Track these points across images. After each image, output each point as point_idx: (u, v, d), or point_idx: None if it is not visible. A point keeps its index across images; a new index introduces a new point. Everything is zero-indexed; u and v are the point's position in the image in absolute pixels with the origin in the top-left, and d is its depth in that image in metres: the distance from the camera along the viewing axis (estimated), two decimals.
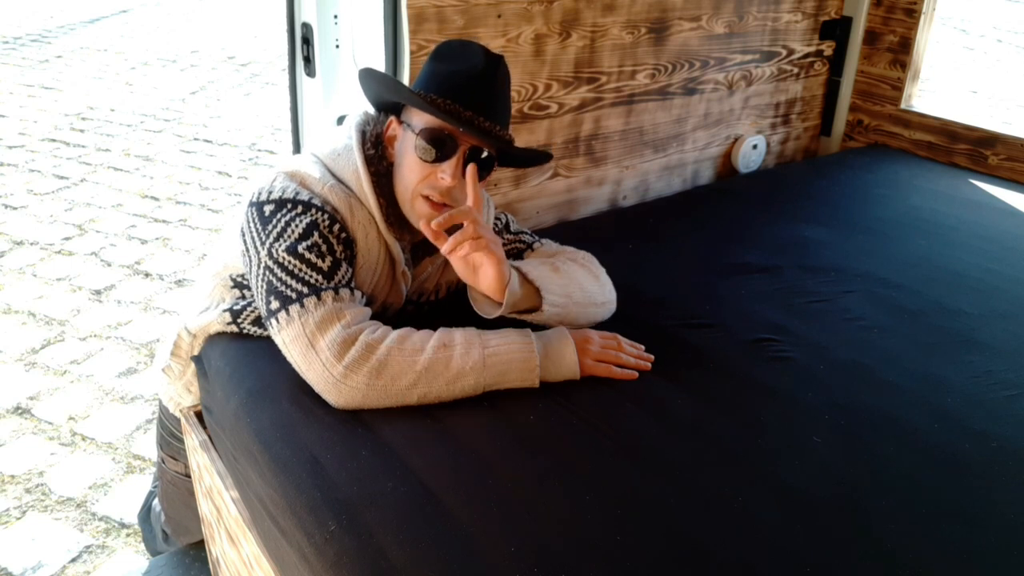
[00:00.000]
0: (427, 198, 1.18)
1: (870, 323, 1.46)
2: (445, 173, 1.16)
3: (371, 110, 1.33)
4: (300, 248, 1.14)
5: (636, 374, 1.22)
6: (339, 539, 0.92)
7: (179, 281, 3.08)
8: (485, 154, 1.19)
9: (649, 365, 1.25)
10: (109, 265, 3.18)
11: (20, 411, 2.33)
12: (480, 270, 1.14)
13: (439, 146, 1.16)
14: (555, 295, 1.20)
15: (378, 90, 1.27)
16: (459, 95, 1.15)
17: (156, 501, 1.78)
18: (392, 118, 1.25)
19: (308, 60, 1.88)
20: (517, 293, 1.17)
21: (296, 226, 1.15)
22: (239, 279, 1.30)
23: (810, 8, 2.38)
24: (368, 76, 1.24)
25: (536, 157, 1.31)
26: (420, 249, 1.33)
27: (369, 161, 1.22)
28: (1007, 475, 1.08)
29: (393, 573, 0.88)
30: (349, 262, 1.20)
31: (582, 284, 1.27)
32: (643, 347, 1.28)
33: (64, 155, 4.29)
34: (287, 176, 1.20)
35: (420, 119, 1.18)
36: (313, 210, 1.16)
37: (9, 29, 7.03)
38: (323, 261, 1.15)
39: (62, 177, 4.01)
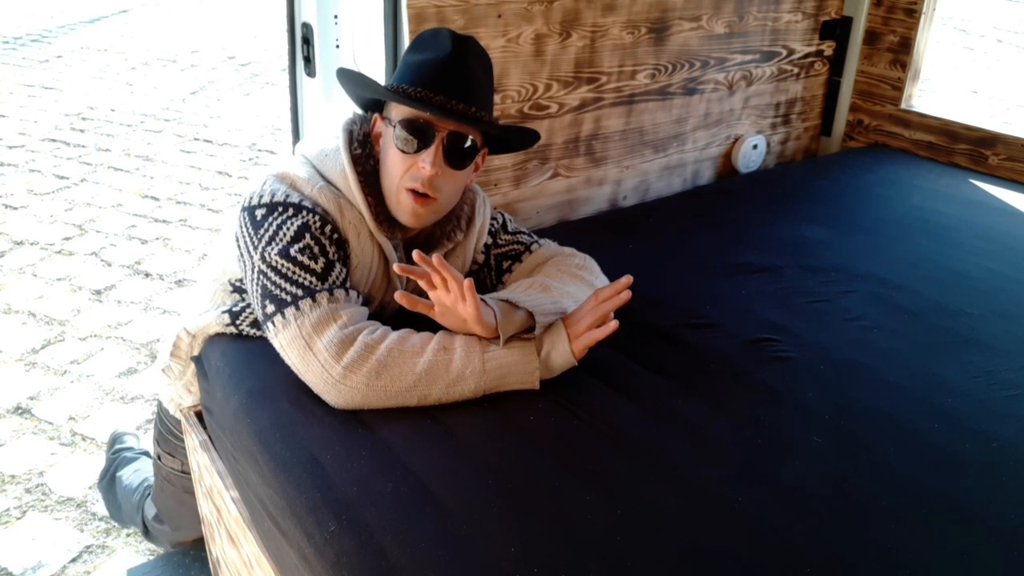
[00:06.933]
0: (411, 191, 1.18)
1: (870, 323, 1.45)
2: (425, 161, 1.16)
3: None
4: (292, 251, 1.14)
5: (617, 323, 1.16)
6: (339, 539, 0.92)
7: (179, 281, 3.08)
8: (469, 142, 1.19)
9: (629, 293, 1.15)
10: (109, 265, 3.18)
11: (20, 411, 2.33)
12: (467, 326, 1.14)
13: (418, 135, 1.16)
14: (549, 316, 1.19)
15: (353, 89, 1.27)
16: (429, 82, 1.15)
17: (131, 482, 1.81)
18: (376, 115, 1.25)
19: (308, 60, 1.88)
20: (510, 326, 1.16)
21: (288, 229, 1.15)
22: (238, 283, 1.29)
23: (810, 8, 2.38)
24: (342, 76, 1.24)
25: (522, 135, 1.29)
26: (413, 247, 1.32)
27: (356, 161, 1.22)
28: (1007, 475, 1.08)
29: (393, 573, 0.88)
30: (343, 263, 1.20)
31: (576, 297, 1.27)
32: (620, 280, 1.17)
33: (64, 155, 4.29)
34: (277, 179, 1.20)
35: (398, 112, 1.18)
36: (304, 212, 1.16)
37: (9, 29, 7.03)
38: (316, 263, 1.14)
39: (62, 177, 4.01)
